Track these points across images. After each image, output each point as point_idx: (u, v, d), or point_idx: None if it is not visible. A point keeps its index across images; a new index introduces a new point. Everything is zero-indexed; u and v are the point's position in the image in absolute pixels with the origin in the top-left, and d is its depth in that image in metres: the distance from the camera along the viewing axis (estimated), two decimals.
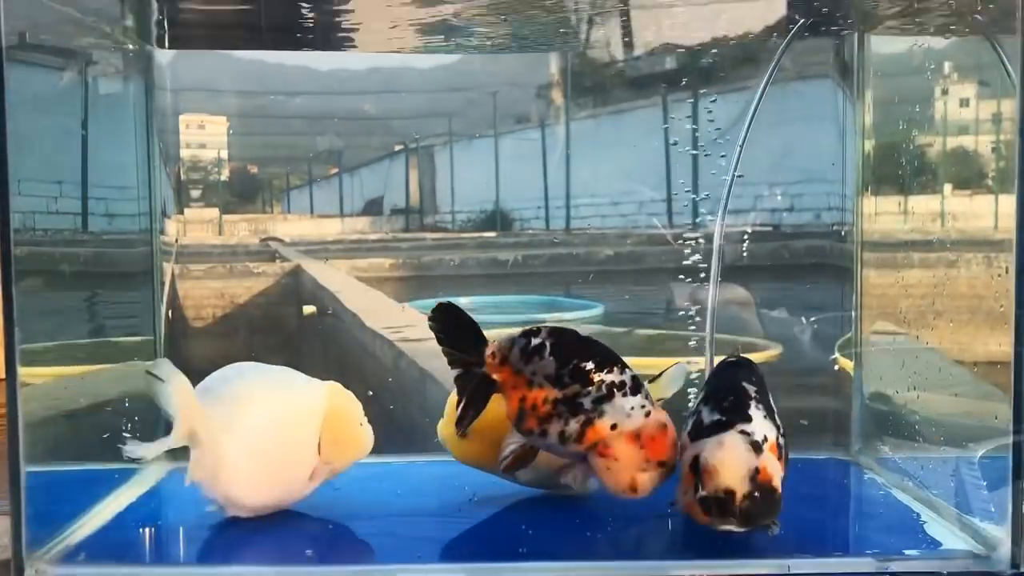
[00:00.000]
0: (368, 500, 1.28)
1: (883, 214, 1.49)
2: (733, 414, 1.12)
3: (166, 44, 1.48)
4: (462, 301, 2.26)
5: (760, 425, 1.12)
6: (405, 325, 1.90)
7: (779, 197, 1.61)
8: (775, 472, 1.09)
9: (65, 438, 1.22)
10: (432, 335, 1.16)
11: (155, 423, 1.47)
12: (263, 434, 1.16)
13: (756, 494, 1.06)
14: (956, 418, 1.29)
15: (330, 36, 1.58)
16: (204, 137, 1.66)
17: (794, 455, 1.49)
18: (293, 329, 1.87)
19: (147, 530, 1.23)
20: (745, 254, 1.59)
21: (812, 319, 1.59)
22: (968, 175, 1.41)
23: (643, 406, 1.11)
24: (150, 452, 1.10)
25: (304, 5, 1.42)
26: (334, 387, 1.23)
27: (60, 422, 1.21)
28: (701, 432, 1.11)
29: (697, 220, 1.61)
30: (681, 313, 1.60)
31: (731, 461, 1.07)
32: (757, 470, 1.07)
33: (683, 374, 1.25)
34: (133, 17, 1.39)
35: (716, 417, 1.12)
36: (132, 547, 1.17)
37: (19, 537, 1.05)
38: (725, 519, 1.06)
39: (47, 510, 1.10)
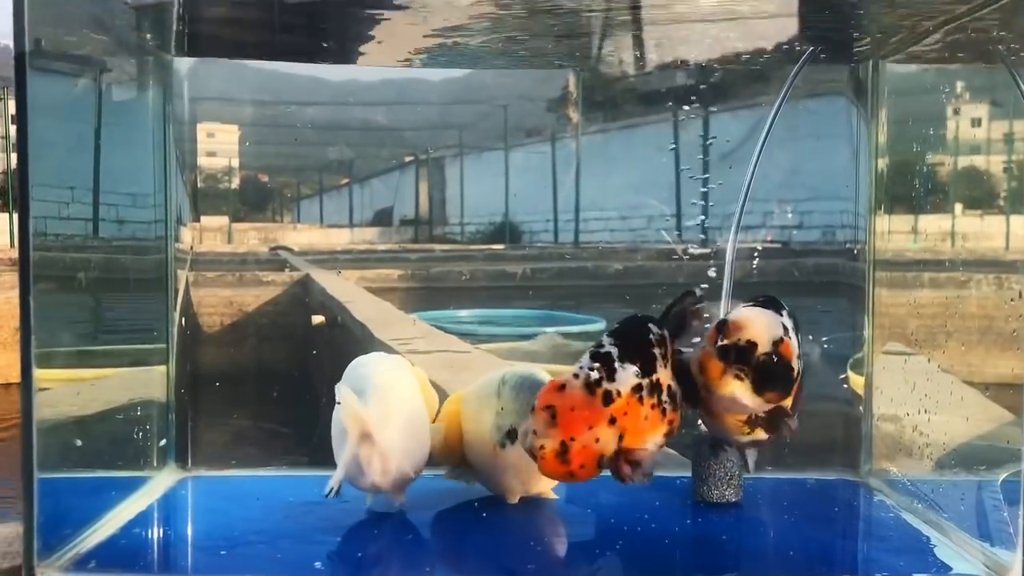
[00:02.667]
0: (373, 513, 1.28)
1: (896, 233, 1.49)
2: (768, 304, 1.14)
3: (185, 51, 1.48)
4: (463, 314, 2.27)
5: (789, 324, 1.12)
6: (414, 337, 1.90)
7: (790, 215, 1.61)
8: (795, 356, 1.08)
9: (76, 444, 1.22)
10: (432, 348, 1.17)
11: (166, 429, 1.48)
12: (408, 417, 1.24)
13: (775, 357, 1.05)
14: (967, 441, 1.28)
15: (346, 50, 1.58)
16: (220, 146, 1.67)
17: (804, 475, 1.50)
18: (301, 338, 1.88)
19: (157, 539, 1.23)
20: (755, 271, 1.59)
21: (823, 338, 1.59)
22: (981, 195, 1.41)
23: (617, 384, 1.03)
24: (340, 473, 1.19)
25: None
26: (401, 359, 1.35)
27: (72, 428, 1.21)
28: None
29: (707, 236, 1.61)
30: None
31: (760, 321, 1.08)
32: (781, 340, 1.06)
33: None
34: (152, 28, 1.39)
35: (750, 304, 1.14)
36: (142, 556, 1.17)
37: (30, 544, 1.04)
38: (740, 368, 1.05)
39: (58, 517, 1.10)
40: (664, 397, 1.06)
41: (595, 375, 1.03)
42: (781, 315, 1.14)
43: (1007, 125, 1.31)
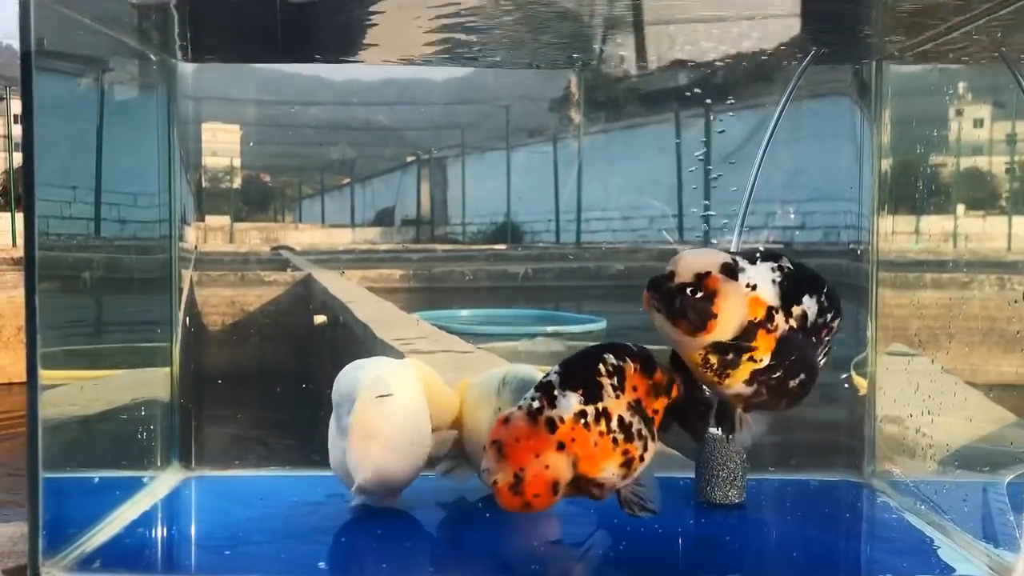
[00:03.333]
0: (377, 513, 1.28)
1: (899, 233, 1.50)
2: (764, 255, 1.12)
3: (189, 56, 1.49)
4: (463, 314, 2.27)
5: (761, 275, 1.09)
6: (416, 337, 1.90)
7: (792, 215, 1.61)
8: (726, 293, 1.04)
9: (80, 444, 1.22)
10: (434, 349, 1.18)
11: (170, 430, 1.48)
12: (403, 424, 1.24)
13: (692, 289, 1.04)
14: (970, 442, 1.29)
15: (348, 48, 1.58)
16: (222, 145, 1.67)
17: (807, 476, 1.50)
18: (304, 338, 1.88)
19: (161, 538, 1.23)
20: None
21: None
22: (984, 196, 1.41)
23: (553, 413, 1.04)
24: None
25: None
26: (415, 361, 1.35)
27: (75, 428, 1.21)
28: None
29: (712, 238, 1.61)
30: None
31: (691, 255, 1.07)
32: (708, 274, 1.04)
33: None
34: (156, 31, 1.40)
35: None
36: (146, 555, 1.17)
37: (35, 544, 1.04)
38: (653, 296, 1.05)
39: (62, 517, 1.10)
40: (614, 426, 1.05)
41: (536, 404, 1.04)
42: (762, 263, 1.11)
43: (1009, 126, 1.32)
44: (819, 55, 1.47)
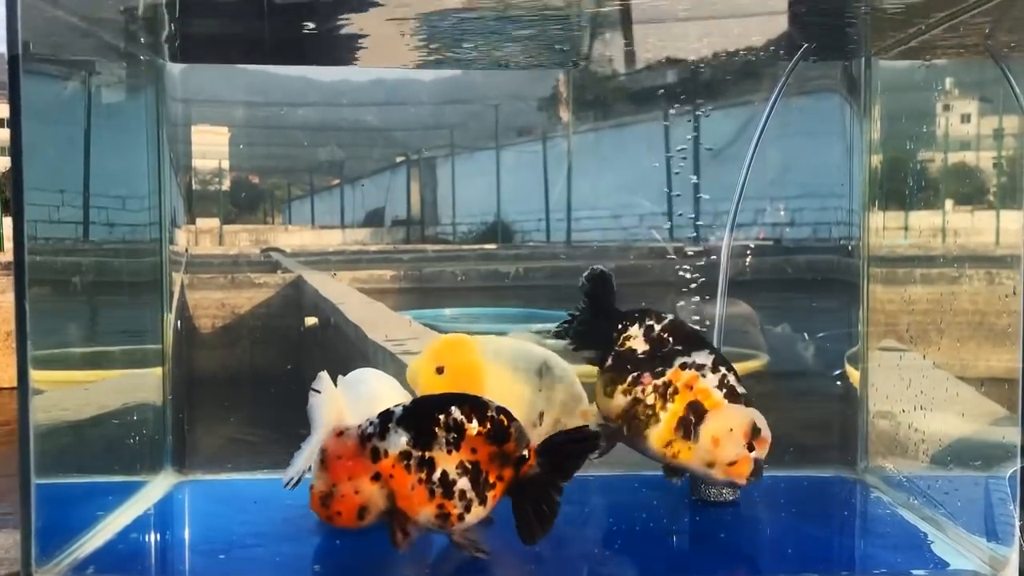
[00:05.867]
0: None
1: (890, 229, 1.50)
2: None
3: (178, 58, 1.48)
4: (446, 313, 2.27)
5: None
6: (407, 338, 1.90)
7: (783, 212, 1.61)
8: None
9: (72, 449, 1.21)
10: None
11: (162, 434, 1.47)
12: None
13: None
14: (962, 436, 1.29)
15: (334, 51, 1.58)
16: (211, 148, 1.66)
17: (800, 472, 1.50)
18: (295, 340, 1.87)
19: (155, 543, 1.22)
20: (748, 268, 1.59)
21: (819, 334, 1.59)
22: (972, 191, 1.42)
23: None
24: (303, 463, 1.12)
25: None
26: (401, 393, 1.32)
27: (67, 433, 1.20)
28: None
29: (699, 235, 1.61)
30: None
31: None
32: None
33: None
34: (145, 32, 1.39)
35: None
36: (140, 560, 1.16)
37: (28, 550, 1.04)
38: None
39: (55, 523, 1.10)
40: (435, 478, 1.05)
41: (370, 430, 1.05)
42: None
43: (996, 120, 1.32)
44: (808, 52, 1.47)
